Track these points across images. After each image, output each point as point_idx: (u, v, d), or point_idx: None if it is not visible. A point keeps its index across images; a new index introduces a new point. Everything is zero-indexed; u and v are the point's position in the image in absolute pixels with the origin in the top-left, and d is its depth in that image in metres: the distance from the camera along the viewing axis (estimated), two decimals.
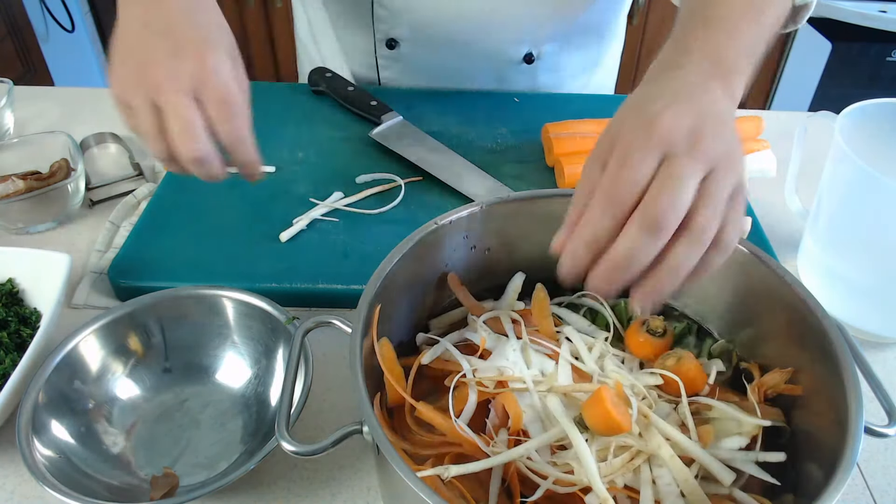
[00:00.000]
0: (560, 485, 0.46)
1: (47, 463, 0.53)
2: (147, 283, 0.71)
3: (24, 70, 2.16)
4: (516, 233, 0.61)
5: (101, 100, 1.08)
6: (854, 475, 0.58)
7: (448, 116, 0.99)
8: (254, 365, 0.64)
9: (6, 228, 0.81)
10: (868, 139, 0.69)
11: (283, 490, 0.57)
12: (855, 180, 0.66)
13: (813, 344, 0.49)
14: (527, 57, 1.01)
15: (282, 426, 0.45)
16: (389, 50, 1.01)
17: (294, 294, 0.71)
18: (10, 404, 0.57)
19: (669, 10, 0.59)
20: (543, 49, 1.02)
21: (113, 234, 0.82)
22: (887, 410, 0.46)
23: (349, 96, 0.98)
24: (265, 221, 0.80)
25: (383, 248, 0.54)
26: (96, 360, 0.61)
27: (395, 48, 1.01)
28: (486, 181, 0.85)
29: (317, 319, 0.53)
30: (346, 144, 0.94)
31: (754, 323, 0.57)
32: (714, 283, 0.58)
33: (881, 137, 0.70)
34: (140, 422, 0.61)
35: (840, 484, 0.40)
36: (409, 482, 0.39)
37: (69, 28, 2.36)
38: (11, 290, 0.67)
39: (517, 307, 0.60)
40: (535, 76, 1.05)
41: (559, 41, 1.02)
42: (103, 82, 2.70)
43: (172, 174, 0.86)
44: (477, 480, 0.48)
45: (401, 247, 0.54)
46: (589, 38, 1.05)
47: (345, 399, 0.64)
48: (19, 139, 0.87)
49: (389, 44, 1.00)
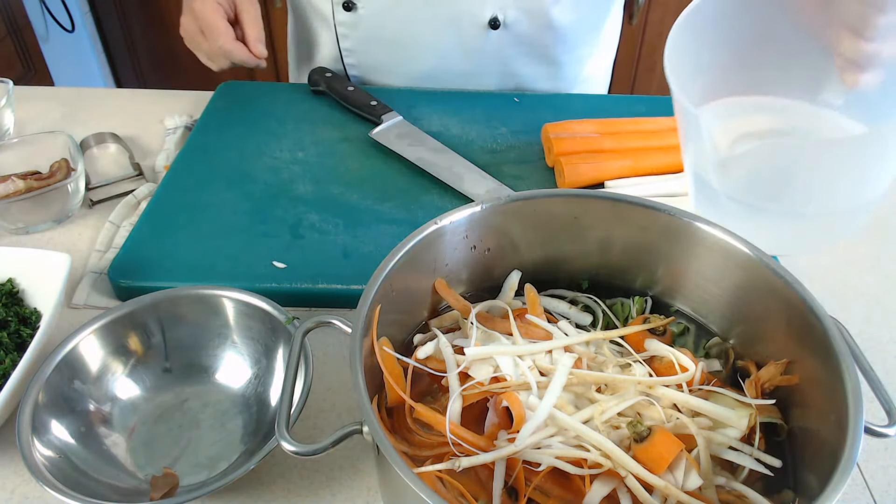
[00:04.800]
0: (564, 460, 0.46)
1: (47, 463, 0.53)
2: (147, 283, 0.71)
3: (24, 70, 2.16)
4: (516, 233, 0.61)
5: (101, 100, 1.08)
6: (854, 475, 0.58)
7: (448, 116, 0.99)
8: (254, 365, 0.64)
9: (6, 228, 0.81)
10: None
11: (283, 490, 0.57)
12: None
13: (812, 344, 0.49)
14: (492, 22, 0.98)
15: (282, 426, 0.45)
16: (347, 12, 0.99)
17: (294, 294, 0.71)
18: (10, 404, 0.57)
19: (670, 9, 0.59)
20: (509, 14, 0.98)
21: (113, 234, 0.82)
22: (887, 410, 0.46)
23: (349, 96, 0.98)
24: (265, 221, 0.80)
25: (383, 248, 0.54)
26: (96, 360, 0.61)
27: (352, 9, 0.99)
28: (486, 181, 0.86)
29: (317, 319, 0.53)
30: (346, 144, 0.94)
31: (754, 322, 0.57)
32: (714, 282, 0.59)
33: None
34: (140, 422, 0.61)
35: (840, 484, 0.40)
36: (408, 482, 0.39)
37: (69, 28, 2.36)
38: (11, 290, 0.67)
39: (514, 306, 0.60)
40: (503, 48, 1.01)
41: (524, 7, 0.98)
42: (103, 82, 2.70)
43: (172, 174, 0.87)
44: (478, 481, 0.48)
45: (401, 247, 0.54)
46: (563, 13, 1.00)
47: (345, 399, 0.64)
48: (19, 139, 0.87)
49: (346, 5, 0.99)
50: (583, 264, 0.64)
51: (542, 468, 0.46)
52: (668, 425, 0.49)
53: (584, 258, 0.63)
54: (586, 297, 0.63)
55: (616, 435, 0.48)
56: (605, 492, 0.46)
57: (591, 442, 0.47)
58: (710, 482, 0.47)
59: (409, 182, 0.87)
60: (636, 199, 0.59)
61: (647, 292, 0.63)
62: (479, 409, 0.52)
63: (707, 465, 0.48)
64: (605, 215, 0.60)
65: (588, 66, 1.11)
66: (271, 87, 1.11)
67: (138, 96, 1.10)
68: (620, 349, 0.57)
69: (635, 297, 0.63)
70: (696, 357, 0.56)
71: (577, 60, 1.08)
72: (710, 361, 0.58)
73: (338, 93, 1.00)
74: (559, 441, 0.48)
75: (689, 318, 0.62)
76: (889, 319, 0.74)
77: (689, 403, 0.51)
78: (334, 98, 1.01)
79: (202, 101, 1.04)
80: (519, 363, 0.52)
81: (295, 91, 1.05)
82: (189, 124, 1.01)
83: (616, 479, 0.46)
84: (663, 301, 0.63)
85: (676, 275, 0.61)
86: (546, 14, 1.00)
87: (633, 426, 0.47)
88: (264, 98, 1.03)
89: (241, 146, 0.92)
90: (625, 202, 0.59)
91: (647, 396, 0.51)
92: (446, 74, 1.05)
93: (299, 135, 0.95)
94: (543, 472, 0.46)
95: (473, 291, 0.63)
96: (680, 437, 0.48)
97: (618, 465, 0.46)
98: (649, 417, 0.50)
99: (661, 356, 0.54)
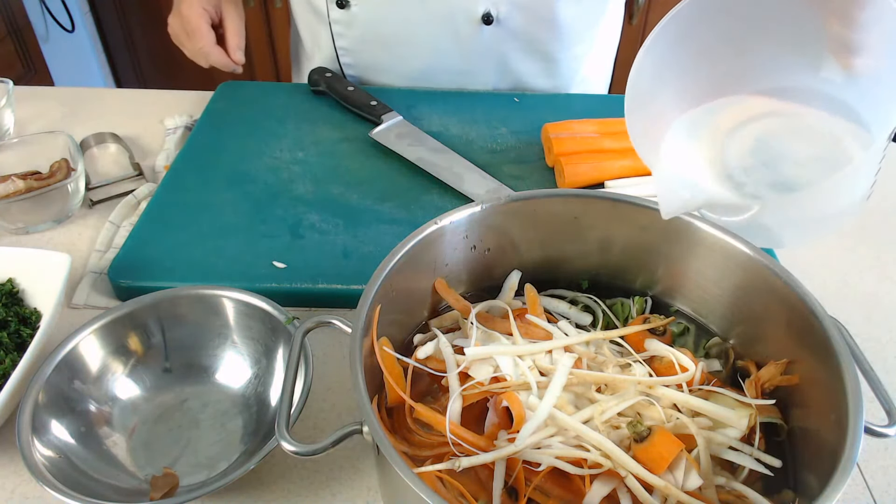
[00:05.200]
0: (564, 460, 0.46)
1: (47, 463, 0.53)
2: (147, 283, 0.71)
3: (24, 70, 2.16)
4: (516, 233, 0.61)
5: (101, 100, 1.08)
6: (854, 475, 0.58)
7: (448, 116, 0.99)
8: (254, 365, 0.64)
9: (6, 228, 0.81)
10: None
11: (283, 490, 0.57)
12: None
13: (812, 344, 0.49)
14: (485, 17, 0.98)
15: (282, 426, 0.45)
16: (340, 9, 1.00)
17: (294, 294, 0.71)
18: (10, 404, 0.57)
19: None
20: (502, 9, 0.98)
21: (113, 234, 0.82)
22: (887, 410, 0.46)
23: (349, 96, 0.98)
24: (265, 221, 0.80)
25: (383, 248, 0.54)
26: (96, 360, 0.61)
27: (345, 7, 1.00)
28: (486, 181, 0.85)
29: (317, 319, 0.53)
30: (346, 144, 0.94)
31: (754, 322, 0.57)
32: (714, 282, 0.59)
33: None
34: (140, 422, 0.61)
35: (840, 484, 0.40)
36: (408, 482, 0.39)
37: (69, 28, 2.36)
38: (11, 290, 0.67)
39: (514, 306, 0.60)
40: (498, 44, 1.02)
41: (516, 2, 0.98)
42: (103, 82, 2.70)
43: (172, 174, 0.87)
44: (478, 481, 0.48)
45: (401, 247, 0.54)
46: (556, 8, 1.00)
47: (345, 399, 0.64)
48: (19, 139, 0.87)
49: (340, 3, 0.99)
50: (583, 264, 0.64)
51: (542, 468, 0.46)
52: (668, 425, 0.49)
53: (584, 258, 0.63)
54: (586, 297, 0.63)
55: (616, 435, 0.48)
56: (605, 492, 0.46)
57: (591, 442, 0.47)
58: (710, 482, 0.47)
59: (409, 182, 0.87)
60: (636, 199, 0.59)
61: (647, 292, 0.63)
62: (479, 409, 0.52)
63: (707, 465, 0.48)
64: (605, 215, 0.60)
65: (586, 64, 1.10)
66: (271, 87, 1.11)
67: (138, 96, 1.10)
68: (620, 349, 0.57)
69: (635, 297, 0.63)
70: (696, 357, 0.56)
71: (574, 58, 1.08)
72: (710, 361, 0.58)
73: (338, 93, 1.00)
74: (559, 441, 0.48)
75: (689, 318, 0.62)
76: (889, 319, 0.74)
77: (689, 403, 0.51)
78: (334, 98, 1.01)
79: (202, 101, 1.04)
80: (519, 363, 0.52)
81: (295, 91, 1.05)
82: (189, 124, 1.01)
83: (616, 479, 0.46)
84: (663, 301, 0.63)
85: (676, 275, 0.61)
86: (538, 9, 1.00)
87: (633, 426, 0.47)
88: (264, 98, 1.03)
89: (241, 146, 0.92)
90: (625, 202, 0.59)
91: (647, 396, 0.51)
92: (442, 72, 1.05)
93: (299, 135, 0.95)
94: (543, 472, 0.46)
95: (473, 291, 0.63)
96: (680, 437, 0.48)
97: (618, 465, 0.46)
98: (649, 417, 0.50)
99: (661, 356, 0.54)
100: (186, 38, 0.97)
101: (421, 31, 1.01)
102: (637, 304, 0.62)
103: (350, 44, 1.04)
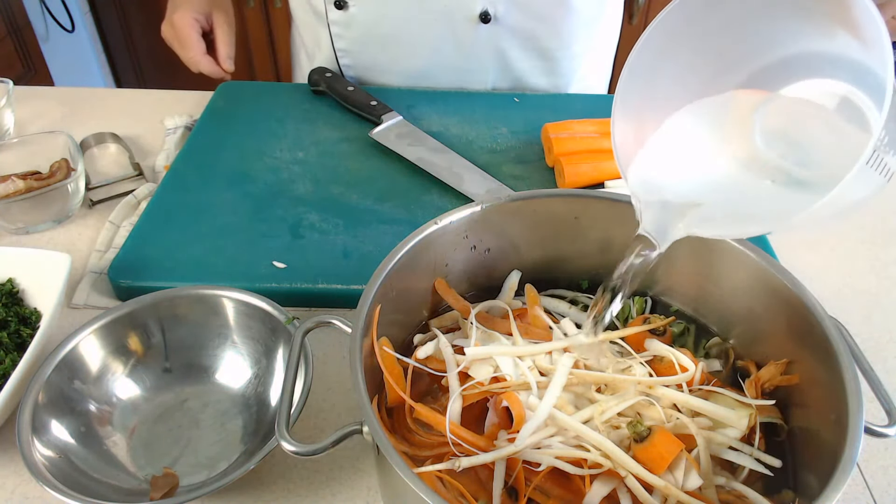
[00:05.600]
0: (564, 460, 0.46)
1: (47, 463, 0.53)
2: (147, 283, 0.71)
3: (24, 70, 2.16)
4: (516, 233, 0.61)
5: (101, 100, 1.08)
6: (854, 475, 0.58)
7: (448, 116, 0.99)
8: (254, 365, 0.64)
9: (6, 228, 0.81)
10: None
11: (283, 490, 0.57)
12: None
13: (813, 344, 0.49)
14: (483, 15, 0.98)
15: (282, 426, 0.45)
16: (339, 10, 1.00)
17: (294, 294, 0.71)
18: (10, 404, 0.57)
19: None
20: (499, 7, 0.98)
21: (113, 234, 0.82)
22: (887, 410, 0.46)
23: (349, 96, 0.99)
24: (265, 221, 0.80)
25: (383, 248, 0.54)
26: (96, 360, 0.61)
27: (343, 8, 1.00)
28: (486, 181, 0.85)
29: (317, 319, 0.53)
30: (346, 144, 0.94)
31: (754, 322, 0.57)
32: (714, 282, 0.59)
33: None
34: (140, 422, 0.61)
35: (840, 484, 0.40)
36: (408, 482, 0.39)
37: (69, 28, 2.36)
38: (11, 290, 0.67)
39: (514, 306, 0.60)
40: (496, 42, 1.02)
41: (514, 0, 0.98)
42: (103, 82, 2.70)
43: (172, 174, 0.87)
44: (478, 481, 0.48)
45: (401, 247, 0.54)
46: (553, 6, 1.00)
47: (345, 399, 0.64)
48: (19, 139, 0.87)
49: (338, 3, 1.00)
50: (583, 264, 0.64)
51: (542, 468, 0.46)
52: (668, 425, 0.49)
53: (584, 258, 0.63)
54: (586, 297, 0.63)
55: (616, 435, 0.48)
56: (605, 492, 0.46)
57: (591, 442, 0.47)
58: (710, 482, 0.47)
59: (409, 182, 0.87)
60: None
61: (647, 292, 0.63)
62: (479, 409, 0.52)
63: (707, 465, 0.48)
64: (605, 215, 0.60)
65: (586, 63, 1.11)
66: (271, 87, 1.11)
67: (138, 96, 1.10)
68: (620, 349, 0.57)
69: (635, 297, 0.63)
70: (696, 357, 0.56)
71: (573, 56, 1.08)
72: (710, 361, 0.58)
73: (338, 93, 1.00)
74: (559, 441, 0.48)
75: (689, 318, 0.62)
76: (889, 319, 0.74)
77: (689, 403, 0.51)
78: (334, 98, 1.01)
79: (202, 101, 1.04)
80: (519, 363, 0.52)
81: (295, 91, 1.05)
82: (189, 124, 1.01)
83: (616, 479, 0.46)
84: (663, 301, 0.63)
85: (676, 275, 0.61)
86: (536, 7, 1.00)
87: (633, 426, 0.47)
88: (264, 98, 1.03)
89: (241, 146, 0.92)
90: (625, 202, 0.59)
91: (647, 396, 0.51)
92: (442, 71, 1.05)
93: (299, 135, 0.95)
94: (543, 472, 0.46)
95: (473, 291, 0.63)
96: (680, 437, 0.48)
97: (618, 465, 0.46)
98: (649, 417, 0.50)
99: (661, 356, 0.54)
100: (179, 46, 0.98)
101: (419, 31, 1.01)
102: (637, 304, 0.62)
103: (349, 45, 1.04)
